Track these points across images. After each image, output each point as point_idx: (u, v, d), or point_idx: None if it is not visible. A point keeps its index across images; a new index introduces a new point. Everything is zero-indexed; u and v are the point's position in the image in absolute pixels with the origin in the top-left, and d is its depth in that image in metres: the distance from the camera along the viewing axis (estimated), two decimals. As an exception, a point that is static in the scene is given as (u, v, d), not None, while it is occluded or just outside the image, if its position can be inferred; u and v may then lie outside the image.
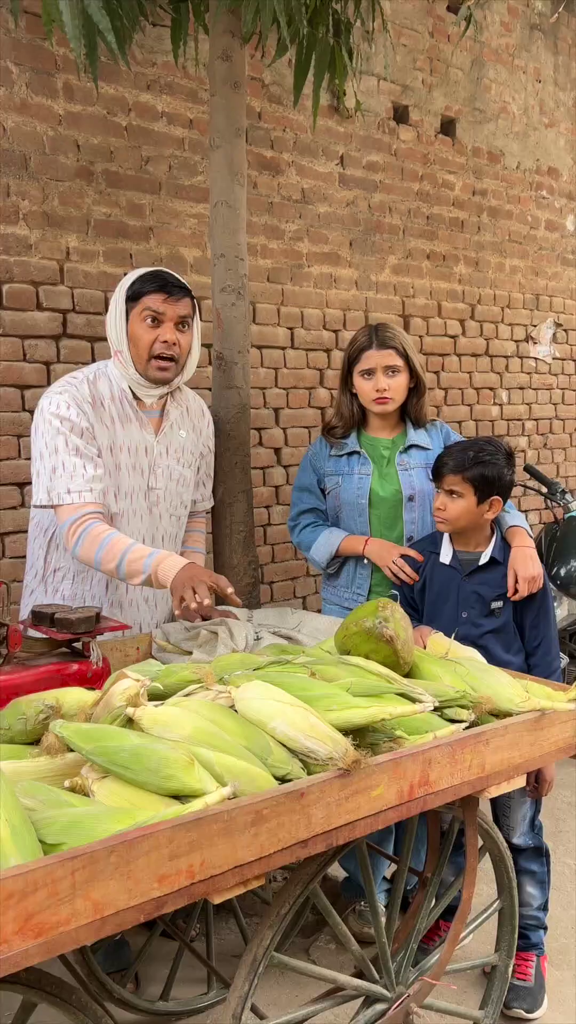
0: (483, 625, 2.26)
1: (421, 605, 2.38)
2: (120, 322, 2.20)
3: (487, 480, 2.21)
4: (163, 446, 2.31)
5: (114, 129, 3.12)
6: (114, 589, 2.27)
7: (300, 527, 2.60)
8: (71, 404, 2.14)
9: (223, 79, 2.56)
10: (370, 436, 2.58)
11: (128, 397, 2.25)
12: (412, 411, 2.56)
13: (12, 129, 2.86)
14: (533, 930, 2.35)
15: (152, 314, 2.16)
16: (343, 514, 2.54)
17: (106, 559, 2.08)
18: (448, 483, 2.24)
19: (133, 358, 2.21)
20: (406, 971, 1.77)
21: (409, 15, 4.14)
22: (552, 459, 5.25)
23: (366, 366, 2.46)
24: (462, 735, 1.57)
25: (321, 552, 2.53)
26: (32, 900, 1.05)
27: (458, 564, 2.31)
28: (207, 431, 2.49)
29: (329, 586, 2.63)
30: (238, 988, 1.46)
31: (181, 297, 2.19)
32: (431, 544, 2.39)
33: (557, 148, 5.06)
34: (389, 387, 2.46)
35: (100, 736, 1.33)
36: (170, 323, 2.18)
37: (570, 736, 1.77)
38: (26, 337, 2.96)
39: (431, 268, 4.37)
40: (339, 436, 2.57)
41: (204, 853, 1.21)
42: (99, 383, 2.23)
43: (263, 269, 3.65)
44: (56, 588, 2.27)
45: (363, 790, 1.40)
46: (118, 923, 1.14)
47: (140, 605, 2.32)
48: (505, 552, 2.28)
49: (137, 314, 2.18)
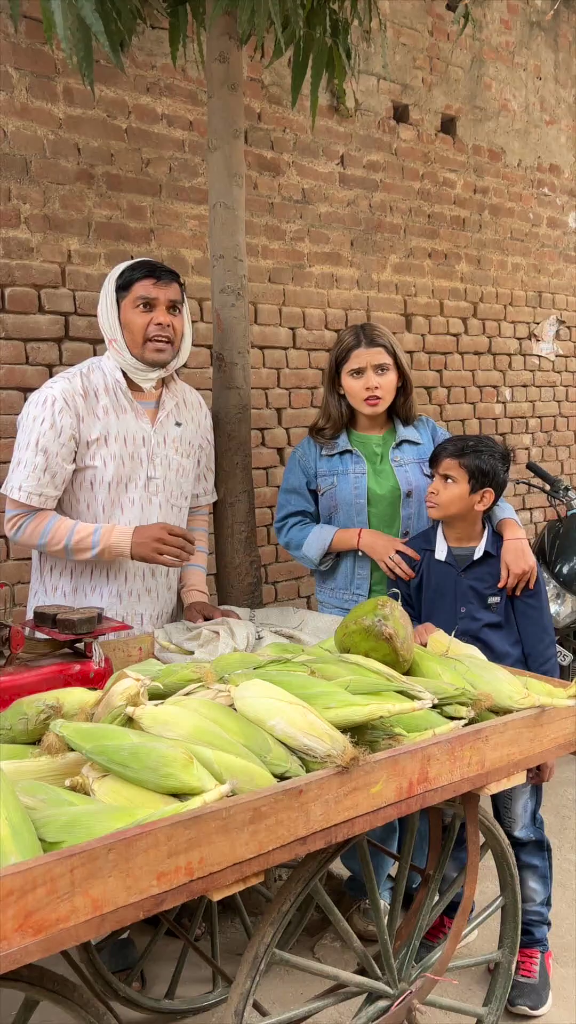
0: (482, 619, 2.28)
1: (418, 602, 2.39)
2: (112, 311, 2.26)
3: (482, 471, 2.26)
4: (160, 436, 2.33)
5: (114, 132, 3.13)
6: (114, 579, 2.29)
7: (288, 527, 2.57)
8: (56, 399, 2.19)
9: (220, 81, 2.57)
10: (360, 434, 2.56)
11: (123, 387, 2.28)
12: (400, 410, 2.56)
13: (13, 133, 2.88)
14: (537, 926, 2.35)
15: (144, 300, 2.23)
16: (340, 514, 2.51)
17: (52, 542, 2.20)
18: (444, 467, 2.28)
19: (128, 344, 2.25)
20: (408, 968, 1.77)
21: (408, 14, 4.14)
22: (556, 456, 5.25)
23: (355, 365, 2.45)
24: (461, 732, 1.57)
25: (313, 548, 2.49)
26: (31, 897, 1.06)
27: (453, 560, 2.32)
28: (205, 423, 2.51)
29: (325, 588, 2.60)
30: (240, 985, 1.47)
31: (170, 282, 2.26)
32: (425, 541, 2.40)
33: (558, 145, 5.05)
34: (380, 385, 2.44)
35: (100, 735, 1.34)
36: (162, 307, 2.24)
37: (570, 732, 1.78)
38: (28, 340, 2.98)
39: (433, 267, 4.37)
40: (329, 437, 2.55)
41: (203, 850, 1.22)
42: (92, 375, 2.28)
43: (264, 269, 3.66)
44: (55, 585, 2.29)
45: (362, 787, 1.41)
46: (117, 920, 1.15)
47: (142, 596, 2.34)
48: (498, 545, 2.30)
49: (129, 302, 2.24)
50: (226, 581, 2.69)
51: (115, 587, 2.29)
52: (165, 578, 2.39)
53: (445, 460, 2.28)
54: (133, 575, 2.31)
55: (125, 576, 2.29)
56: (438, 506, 2.29)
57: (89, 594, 2.27)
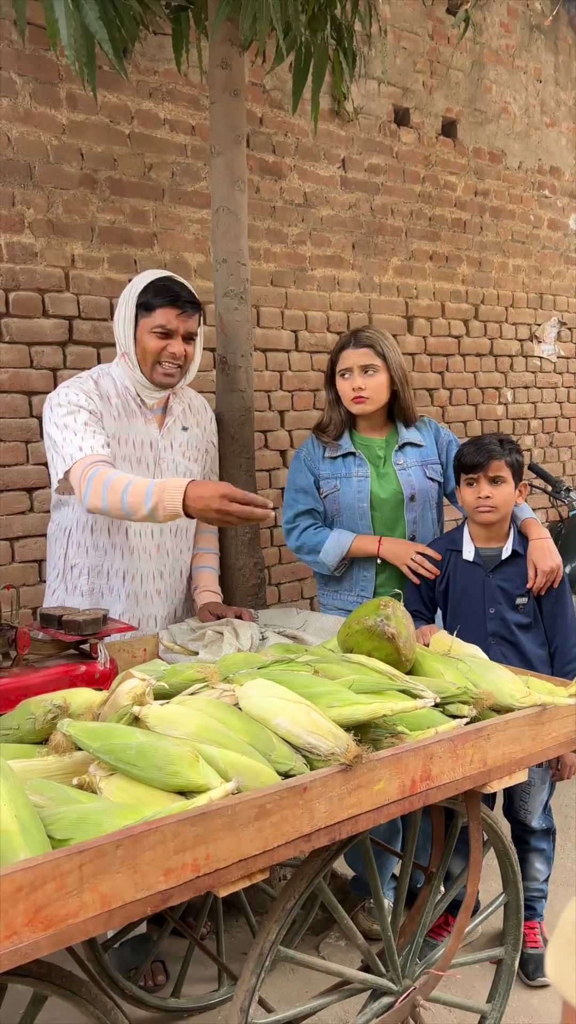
0: (511, 619, 2.30)
1: (444, 604, 2.41)
2: (129, 325, 2.27)
3: (520, 464, 2.32)
4: (167, 441, 2.36)
5: (117, 137, 3.16)
6: (130, 582, 2.32)
7: (300, 529, 2.56)
8: (79, 393, 2.22)
9: (223, 87, 2.59)
10: (363, 436, 2.58)
11: (132, 394, 2.32)
12: (398, 411, 2.56)
13: (16, 139, 2.90)
14: (537, 901, 2.45)
15: (163, 330, 2.23)
16: (343, 517, 2.52)
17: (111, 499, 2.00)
18: (493, 469, 2.28)
19: (139, 361, 2.27)
20: (412, 964, 1.79)
21: (409, 18, 4.16)
22: (558, 457, 5.26)
23: (344, 365, 2.48)
24: (463, 730, 1.59)
25: (331, 555, 2.49)
26: (41, 893, 1.08)
27: (481, 560, 2.34)
28: (211, 427, 2.54)
29: (329, 591, 2.61)
30: (245, 982, 1.48)
31: (192, 314, 2.26)
32: (450, 542, 2.42)
33: (559, 147, 5.07)
34: (365, 386, 2.45)
35: (107, 734, 1.36)
36: (179, 337, 2.25)
37: (571, 731, 1.79)
38: (32, 344, 3.00)
39: (434, 269, 4.39)
40: (332, 437, 2.56)
41: (209, 847, 1.24)
42: (103, 381, 2.30)
43: (266, 273, 3.68)
44: (74, 584, 2.32)
45: (365, 784, 1.43)
46: (125, 915, 1.17)
47: (154, 598, 2.37)
48: (524, 545, 2.32)
49: (147, 326, 2.24)
50: (230, 583, 2.71)
51: (131, 589, 2.31)
52: (179, 580, 2.43)
53: (493, 463, 2.28)
54: (147, 577, 2.34)
55: (141, 579, 2.32)
56: (496, 509, 2.29)
57: (106, 595, 2.30)
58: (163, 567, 2.38)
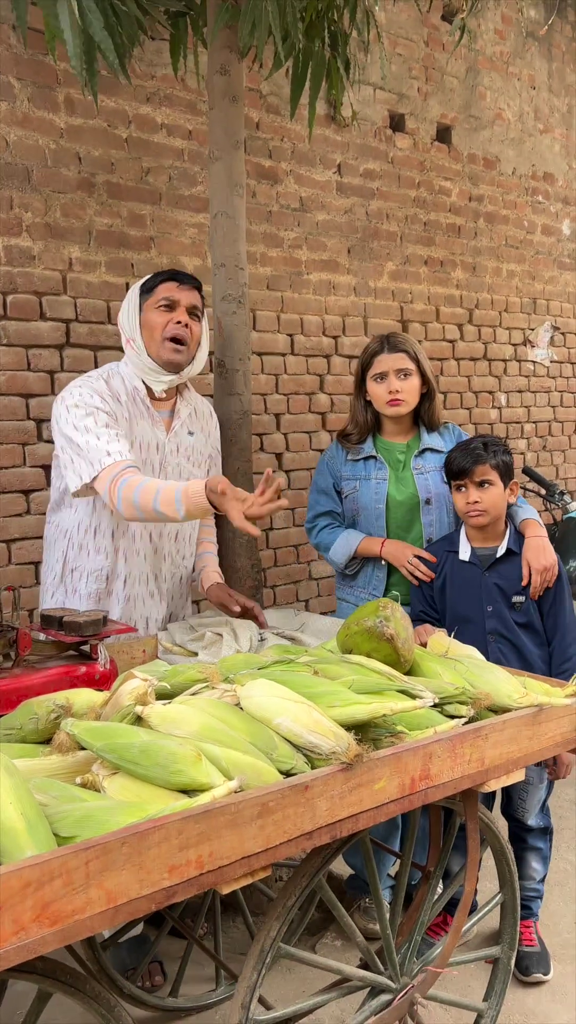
0: (510, 618, 2.33)
1: (443, 604, 2.44)
2: (134, 313, 2.32)
3: (507, 465, 2.35)
4: (174, 444, 2.38)
5: (115, 141, 3.17)
6: (130, 584, 2.33)
7: (318, 529, 2.68)
8: (93, 393, 2.22)
9: (221, 93, 2.61)
10: (385, 441, 2.65)
11: (141, 395, 2.32)
12: (425, 415, 2.65)
13: (15, 143, 2.91)
14: (533, 900, 2.47)
15: (166, 301, 2.28)
16: (361, 518, 2.62)
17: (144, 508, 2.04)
18: (479, 474, 2.33)
19: (146, 342, 2.30)
20: (410, 962, 1.81)
21: (404, 25, 4.19)
22: (551, 461, 5.30)
23: (378, 370, 2.55)
24: (462, 730, 1.61)
25: (339, 554, 2.60)
26: (48, 889, 1.09)
27: (477, 560, 2.37)
28: (215, 433, 2.56)
29: (346, 586, 2.70)
30: (246, 978, 1.49)
31: (192, 287, 2.32)
32: (448, 543, 2.46)
33: (552, 154, 5.11)
34: (401, 389, 2.53)
35: (110, 733, 1.37)
36: (182, 308, 2.29)
37: (568, 731, 1.81)
38: (30, 347, 3.01)
39: (429, 274, 4.42)
40: (355, 442, 2.65)
41: (212, 844, 1.25)
42: (112, 381, 2.31)
43: (262, 277, 3.70)
44: (75, 588, 2.33)
45: (366, 783, 1.45)
46: (130, 912, 1.18)
47: (146, 600, 2.38)
48: (520, 543, 2.35)
49: (152, 304, 2.29)
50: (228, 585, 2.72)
51: (130, 591, 2.33)
52: (179, 584, 2.45)
53: (478, 468, 2.33)
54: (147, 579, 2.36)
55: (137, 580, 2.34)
56: (486, 512, 2.34)
57: (104, 599, 2.31)
58: (162, 570, 2.39)
